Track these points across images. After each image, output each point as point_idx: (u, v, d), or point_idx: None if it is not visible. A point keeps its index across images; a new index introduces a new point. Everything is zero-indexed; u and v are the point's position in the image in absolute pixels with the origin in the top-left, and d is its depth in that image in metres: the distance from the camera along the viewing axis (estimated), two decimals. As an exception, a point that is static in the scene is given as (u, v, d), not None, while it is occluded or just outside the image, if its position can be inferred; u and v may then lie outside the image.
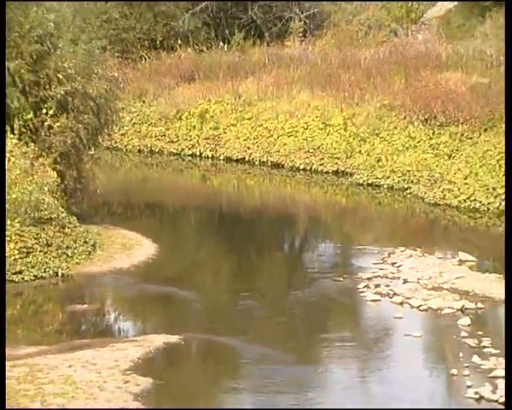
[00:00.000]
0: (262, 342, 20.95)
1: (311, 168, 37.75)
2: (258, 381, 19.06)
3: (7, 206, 25.10)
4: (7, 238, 24.83)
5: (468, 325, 20.97)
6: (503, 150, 31.61)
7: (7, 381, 18.03)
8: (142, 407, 16.50)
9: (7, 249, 24.67)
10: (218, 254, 29.72)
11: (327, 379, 19.43)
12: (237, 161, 40.28)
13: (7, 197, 25.13)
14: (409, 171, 34.22)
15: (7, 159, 25.96)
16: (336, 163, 37.20)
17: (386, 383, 19.03)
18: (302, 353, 20.67)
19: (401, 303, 22.68)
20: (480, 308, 22.15)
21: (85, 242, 26.78)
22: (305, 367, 19.89)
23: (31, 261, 24.76)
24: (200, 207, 35.97)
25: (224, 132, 41.52)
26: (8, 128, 27.33)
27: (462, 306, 22.13)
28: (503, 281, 23.66)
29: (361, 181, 35.26)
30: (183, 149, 42.23)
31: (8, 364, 18.96)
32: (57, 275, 24.79)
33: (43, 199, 25.98)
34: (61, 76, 28.97)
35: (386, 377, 19.36)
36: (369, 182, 34.97)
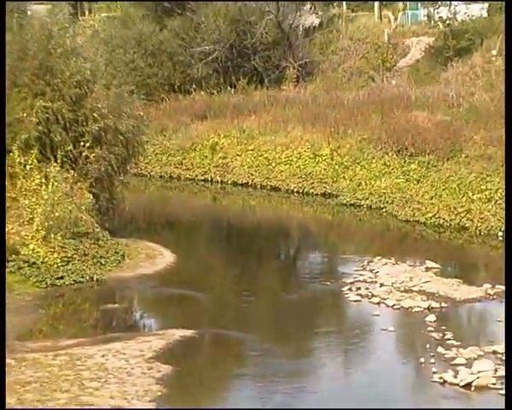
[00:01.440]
0: (262, 336, 21.07)
1: (303, 191, 37.60)
2: (259, 369, 19.19)
3: (51, 222, 25.22)
4: (51, 250, 24.98)
5: (434, 321, 21.02)
6: (463, 176, 31.78)
7: (50, 368, 18.23)
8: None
9: (51, 259, 24.81)
10: (226, 262, 29.79)
11: (316, 368, 19.45)
12: (242, 185, 40.17)
13: (51, 215, 25.23)
14: (384, 193, 34.04)
15: (51, 183, 26.04)
16: (324, 187, 37.02)
17: (365, 370, 19.11)
18: (295, 345, 20.74)
19: (378, 303, 22.73)
20: (444, 307, 22.16)
21: (116, 252, 26.84)
22: (298, 358, 19.96)
23: (71, 269, 24.85)
24: (211, 223, 36.03)
25: (231, 161, 41.43)
26: (51, 157, 27.34)
27: (429, 305, 22.17)
28: (463, 285, 23.90)
29: (345, 202, 35.07)
30: (196, 175, 42.13)
31: (51, 354, 19.18)
32: (92, 280, 24.85)
33: (81, 217, 26.13)
34: (95, 115, 28.94)
35: (366, 365, 19.43)
36: (352, 202, 34.78)
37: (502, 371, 17.75)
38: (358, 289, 23.89)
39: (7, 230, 24.85)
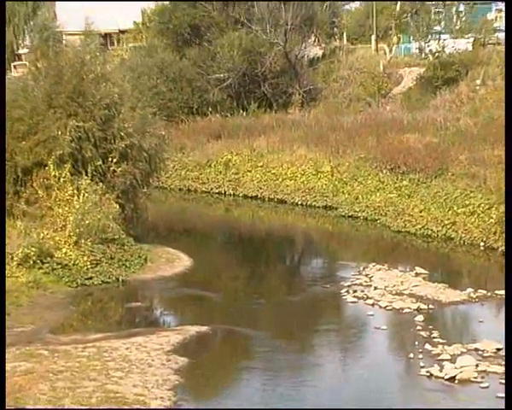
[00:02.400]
0: (268, 333, 21.11)
1: (306, 204, 37.45)
2: (265, 362, 19.18)
3: (82, 229, 25.25)
4: (81, 253, 25.00)
5: (422, 321, 21.02)
6: (449, 192, 31.70)
7: (79, 359, 18.25)
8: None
9: (81, 261, 24.83)
10: (237, 266, 29.76)
11: (317, 362, 19.45)
12: (252, 197, 40.04)
13: (82, 223, 25.26)
14: (379, 206, 33.90)
15: (82, 194, 26.07)
16: (325, 200, 36.86)
17: (361, 364, 19.12)
18: (299, 341, 20.78)
19: (372, 304, 22.73)
20: (431, 309, 22.15)
21: (139, 256, 26.85)
22: (300, 353, 20.01)
23: (99, 270, 24.90)
24: (224, 231, 36.05)
25: (243, 176, 41.33)
26: (83, 171, 27.31)
27: (418, 307, 22.17)
28: (448, 289, 23.89)
29: (343, 214, 34.95)
30: (211, 189, 42.01)
31: (80, 346, 19.21)
32: (118, 281, 24.90)
33: (109, 224, 26.17)
34: (122, 133, 28.98)
35: (362, 360, 19.43)
36: (350, 214, 34.65)
37: (482, 367, 17.81)
38: (355, 291, 23.89)
39: (42, 235, 24.97)
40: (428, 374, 17.61)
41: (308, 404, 16.75)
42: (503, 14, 61.29)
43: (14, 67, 59.29)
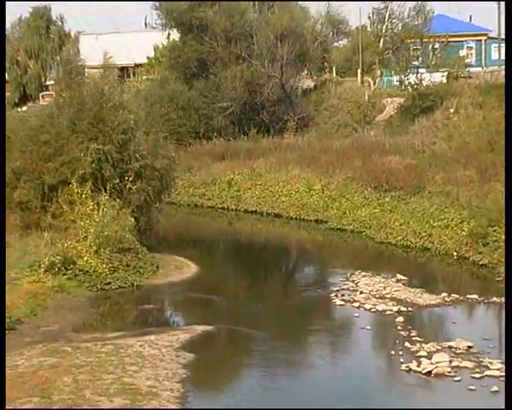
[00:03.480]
0: (267, 332, 21.05)
1: (300, 218, 37.35)
2: (263, 359, 19.13)
3: (101, 240, 25.21)
4: (101, 261, 24.94)
5: (402, 322, 20.97)
6: (426, 208, 31.65)
7: (99, 354, 18.21)
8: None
9: (100, 268, 24.78)
10: (239, 272, 29.79)
11: (308, 358, 19.50)
12: (252, 212, 39.91)
13: (101, 234, 25.21)
14: (364, 220, 33.83)
15: (101, 209, 26.06)
16: (316, 214, 36.78)
17: (348, 360, 19.20)
18: (293, 339, 20.68)
19: (358, 307, 22.67)
20: (410, 311, 22.09)
21: (152, 264, 26.80)
22: (294, 350, 19.95)
23: (116, 276, 24.90)
24: (227, 242, 35.96)
25: (244, 193, 41.26)
26: (102, 189, 27.31)
27: (399, 309, 22.11)
28: (425, 293, 23.81)
29: (332, 226, 34.82)
30: (216, 204, 41.92)
31: (99, 343, 19.18)
32: (133, 285, 24.87)
33: (125, 236, 26.14)
34: (137, 155, 29.00)
35: (349, 356, 19.50)
36: (338, 227, 34.52)
37: (455, 362, 17.77)
38: (343, 295, 23.84)
39: (66, 245, 24.95)
40: (408, 369, 17.57)
41: (302, 396, 16.69)
42: (473, 51, 61.70)
43: (42, 96, 59.43)
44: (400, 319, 21.25)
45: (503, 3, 57.98)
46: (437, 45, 50.37)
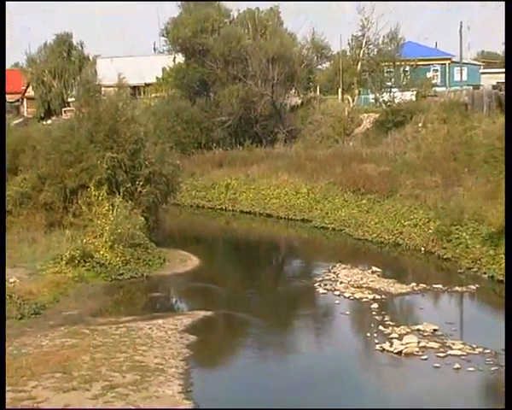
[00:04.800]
0: (260, 317, 21.02)
1: (288, 217, 37.30)
2: (257, 341, 19.10)
3: (115, 236, 25.12)
4: (115, 255, 24.85)
5: (377, 308, 20.98)
6: (398, 209, 31.61)
7: (113, 336, 18.15)
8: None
9: (114, 261, 24.69)
10: (235, 265, 29.74)
11: (296, 340, 19.52)
12: (246, 212, 39.79)
13: (115, 231, 25.10)
14: (344, 219, 33.83)
15: (115, 209, 25.91)
16: (302, 215, 36.74)
17: (330, 341, 19.21)
18: (282, 324, 20.73)
19: (339, 295, 22.65)
20: (384, 298, 22.12)
21: (159, 257, 26.72)
22: (283, 333, 19.99)
23: (128, 268, 24.83)
24: (225, 238, 35.91)
25: (239, 196, 41.15)
26: (116, 192, 27.14)
27: (374, 297, 22.14)
28: (397, 283, 23.81)
29: (316, 225, 34.80)
30: (215, 206, 41.81)
31: (114, 326, 19.12)
32: (143, 276, 24.80)
33: (136, 233, 26.08)
34: (147, 163, 28.99)
35: (330, 339, 19.50)
36: (321, 226, 34.50)
37: (423, 343, 17.78)
38: (325, 285, 23.81)
39: (85, 241, 24.90)
40: (381, 349, 17.59)
41: (290, 374, 16.67)
42: (438, 73, 61.79)
43: (64, 111, 59.24)
44: (375, 305, 21.26)
45: (464, 31, 58.33)
46: (407, 68, 50.42)
